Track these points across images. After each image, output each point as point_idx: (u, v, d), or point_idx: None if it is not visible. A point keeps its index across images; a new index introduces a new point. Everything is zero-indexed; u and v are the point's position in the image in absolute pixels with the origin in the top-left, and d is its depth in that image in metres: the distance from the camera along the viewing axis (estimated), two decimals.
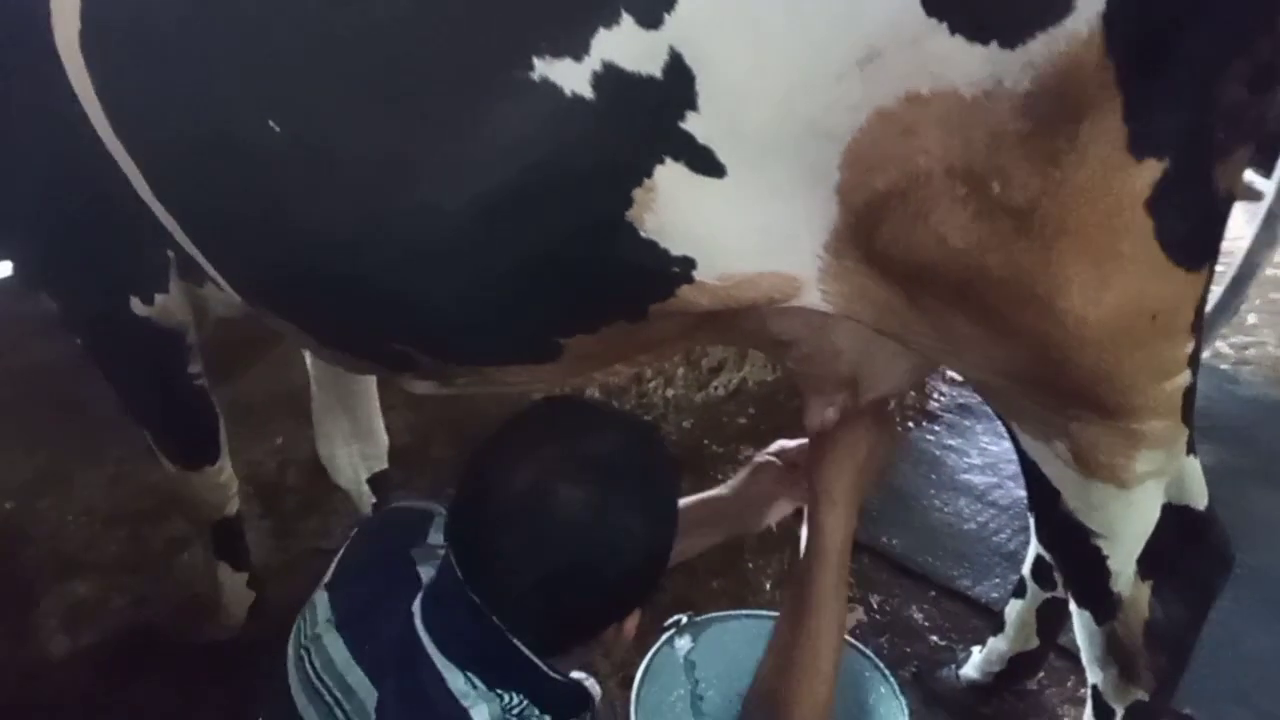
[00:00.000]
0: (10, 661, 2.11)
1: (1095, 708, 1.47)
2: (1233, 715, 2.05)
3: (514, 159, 1.03)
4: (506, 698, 1.04)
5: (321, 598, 1.18)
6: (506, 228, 1.08)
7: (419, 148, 1.06)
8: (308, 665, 1.12)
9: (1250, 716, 2.05)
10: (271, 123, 1.11)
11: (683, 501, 1.52)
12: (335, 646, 1.12)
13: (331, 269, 1.20)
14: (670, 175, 1.02)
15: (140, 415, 1.84)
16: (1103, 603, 1.34)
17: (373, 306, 1.24)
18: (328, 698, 1.10)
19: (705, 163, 1.01)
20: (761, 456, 1.53)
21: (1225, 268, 2.52)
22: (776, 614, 1.79)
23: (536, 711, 1.05)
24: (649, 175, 1.02)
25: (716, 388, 3.16)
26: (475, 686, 1.03)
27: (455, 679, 1.03)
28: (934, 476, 2.83)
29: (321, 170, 1.12)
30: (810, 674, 1.27)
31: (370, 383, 2.11)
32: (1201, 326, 1.10)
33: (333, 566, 1.23)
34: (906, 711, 1.62)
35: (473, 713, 1.02)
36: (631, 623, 1.12)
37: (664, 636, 1.72)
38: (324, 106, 1.09)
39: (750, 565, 2.44)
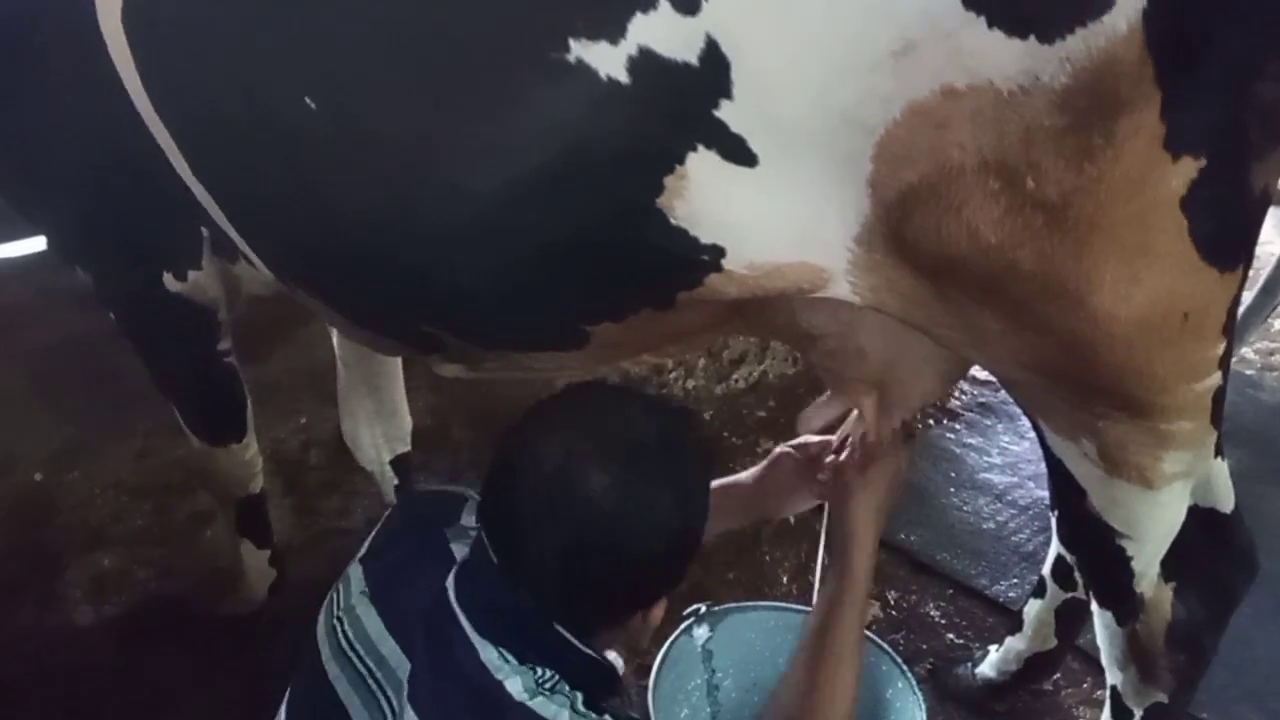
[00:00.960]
0: (36, 630, 2.15)
1: (1114, 709, 1.46)
2: (1247, 717, 2.04)
3: (546, 141, 1.04)
4: (538, 671, 1.05)
5: (356, 570, 1.20)
6: (537, 211, 1.08)
7: (452, 128, 1.07)
8: (340, 636, 1.14)
9: (1264, 718, 2.04)
10: (308, 100, 1.12)
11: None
12: (369, 618, 1.14)
13: (364, 249, 1.21)
14: (702, 163, 1.03)
15: (169, 390, 1.86)
16: (1125, 603, 1.33)
17: (403, 287, 1.25)
18: (360, 667, 1.11)
19: (738, 151, 1.02)
20: (782, 448, 1.53)
21: (1256, 272, 2.49)
22: (795, 607, 1.81)
23: (567, 687, 1.06)
24: (681, 162, 1.03)
25: (737, 380, 3.16)
26: (507, 660, 1.04)
27: (488, 652, 1.05)
28: (954, 474, 2.82)
29: (356, 149, 1.13)
30: (830, 713, 1.26)
31: (396, 364, 2.12)
32: (1234, 328, 1.09)
33: (368, 541, 1.25)
34: (923, 706, 1.62)
35: (506, 685, 1.03)
36: (658, 610, 1.12)
37: (682, 625, 1.72)
38: (360, 86, 1.10)
39: (767, 557, 2.44)
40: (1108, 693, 1.46)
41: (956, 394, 3.19)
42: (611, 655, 1.24)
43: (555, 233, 1.11)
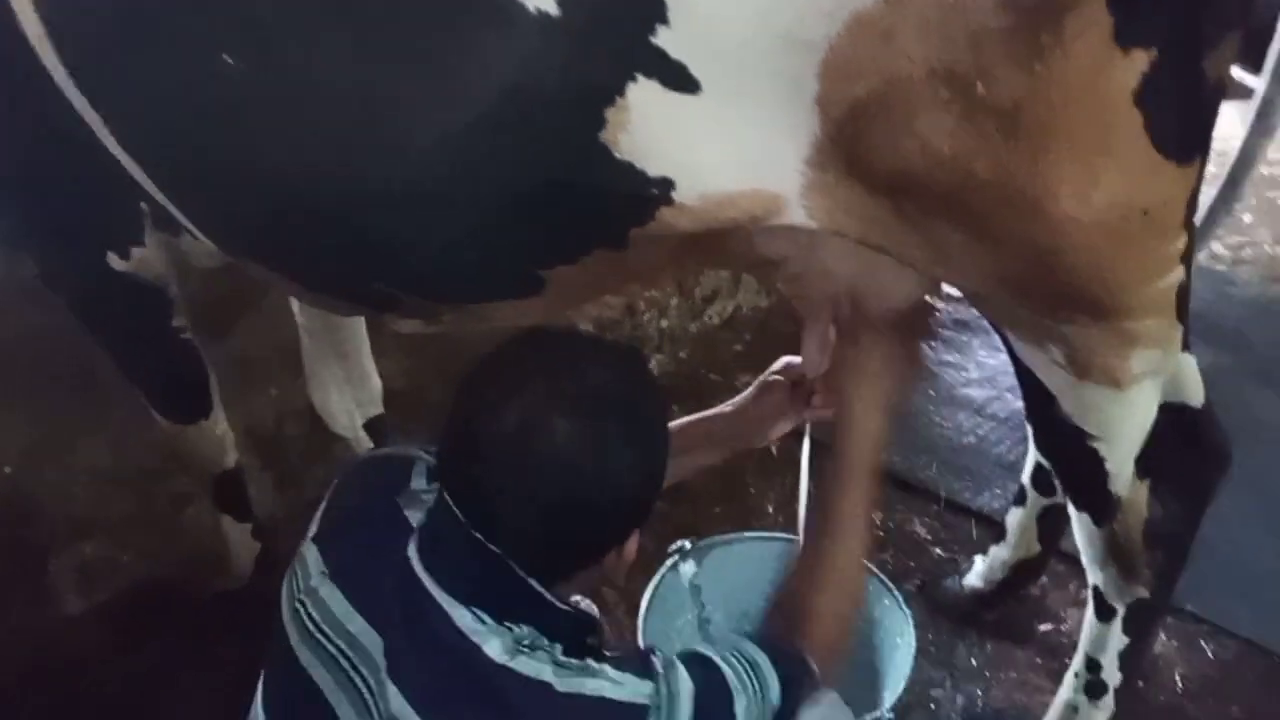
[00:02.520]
0: (26, 623, 2.14)
1: (1097, 608, 1.49)
2: (1232, 609, 2.08)
3: (478, 82, 1.00)
4: (516, 630, 1.04)
5: (311, 551, 1.17)
6: (476, 156, 1.05)
7: (380, 77, 1.03)
8: (305, 619, 1.11)
9: (1249, 609, 2.08)
10: (226, 57, 1.07)
11: (686, 419, 1.52)
12: (333, 598, 1.11)
13: (303, 210, 1.18)
14: (643, 93, 0.99)
15: (130, 372, 1.82)
16: (1102, 504, 1.34)
17: (346, 247, 1.22)
18: (331, 649, 1.09)
19: (679, 79, 0.99)
20: (768, 375, 1.52)
21: (1220, 169, 2.48)
22: (780, 535, 1.82)
23: (546, 642, 1.05)
24: (621, 94, 0.99)
25: (711, 316, 3.14)
26: (484, 622, 1.03)
27: (462, 616, 1.04)
28: (932, 392, 2.83)
29: (279, 107, 1.09)
30: (835, 589, 1.27)
31: (360, 327, 2.09)
32: (1194, 221, 1.08)
33: (317, 519, 1.21)
34: (911, 623, 1.64)
35: (485, 648, 1.02)
36: (632, 545, 1.12)
37: (668, 563, 1.73)
38: (278, 39, 1.05)
39: (752, 490, 2.45)
40: (1090, 593, 1.48)
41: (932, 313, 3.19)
42: (586, 603, 1.23)
43: (497, 177, 1.08)
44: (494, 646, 1.02)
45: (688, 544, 1.74)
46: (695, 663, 1.09)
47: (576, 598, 1.16)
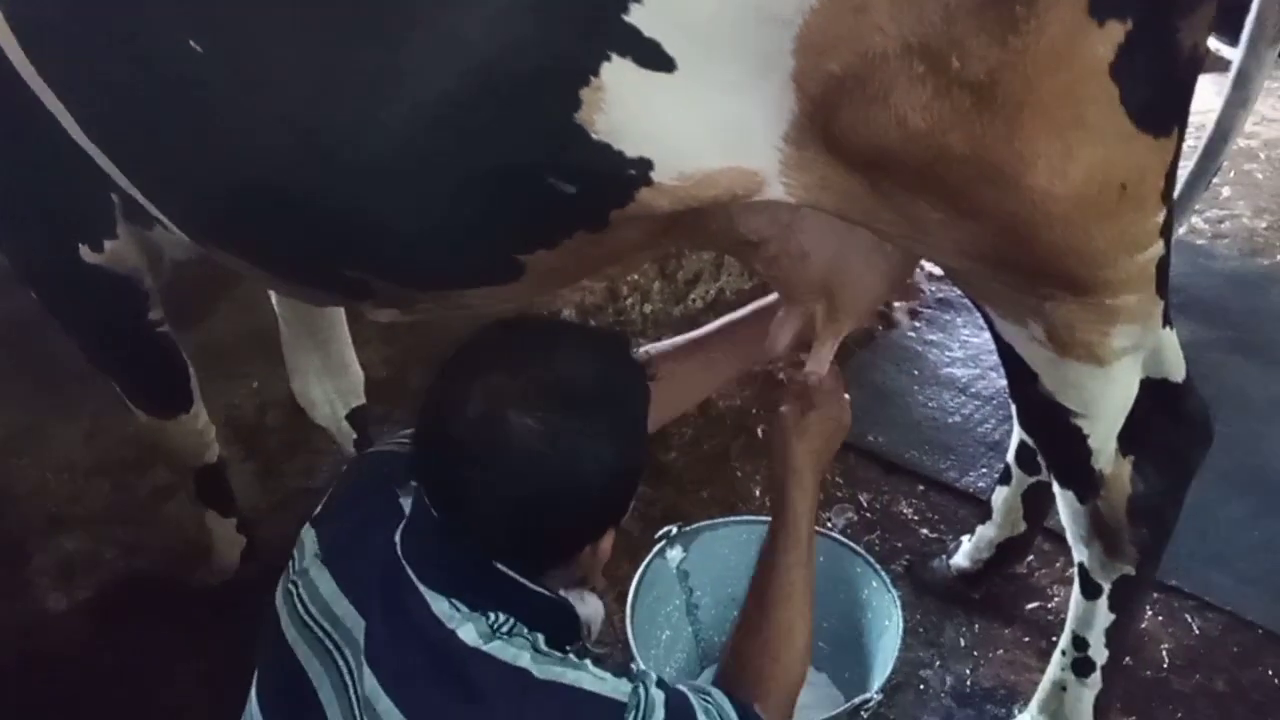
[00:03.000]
0: (8, 620, 2.12)
1: (1083, 585, 1.49)
2: (1214, 581, 2.09)
3: (451, 64, 0.99)
4: (492, 616, 1.04)
5: (309, 534, 1.19)
6: (449, 138, 1.04)
7: (346, 56, 1.01)
8: (296, 600, 1.13)
9: (1231, 580, 2.09)
10: (193, 44, 1.05)
11: (677, 340, 1.51)
12: (322, 579, 1.12)
13: (271, 196, 1.16)
14: (618, 72, 0.98)
15: (105, 367, 1.81)
16: (1085, 481, 1.34)
17: (318, 233, 1.20)
18: (317, 630, 1.10)
19: (653, 57, 0.97)
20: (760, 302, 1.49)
21: (1198, 142, 2.49)
22: (765, 519, 1.82)
23: (525, 629, 1.05)
24: (595, 74, 0.98)
25: (694, 300, 3.14)
26: (459, 609, 1.03)
27: (439, 604, 1.04)
28: (917, 372, 2.83)
29: (249, 91, 1.07)
30: (784, 653, 1.26)
31: (339, 316, 2.07)
32: (1172, 195, 1.08)
33: (322, 503, 1.24)
34: (898, 603, 1.65)
35: (459, 633, 1.02)
36: (607, 542, 1.11)
37: (655, 549, 1.73)
38: (245, 22, 1.04)
39: (739, 473, 2.45)
40: (1076, 570, 1.48)
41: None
42: (590, 597, 1.23)
43: (472, 160, 1.06)
44: (468, 632, 1.02)
45: (675, 529, 1.74)
46: (661, 680, 1.08)
47: (576, 593, 1.15)
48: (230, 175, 1.17)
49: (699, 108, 1.01)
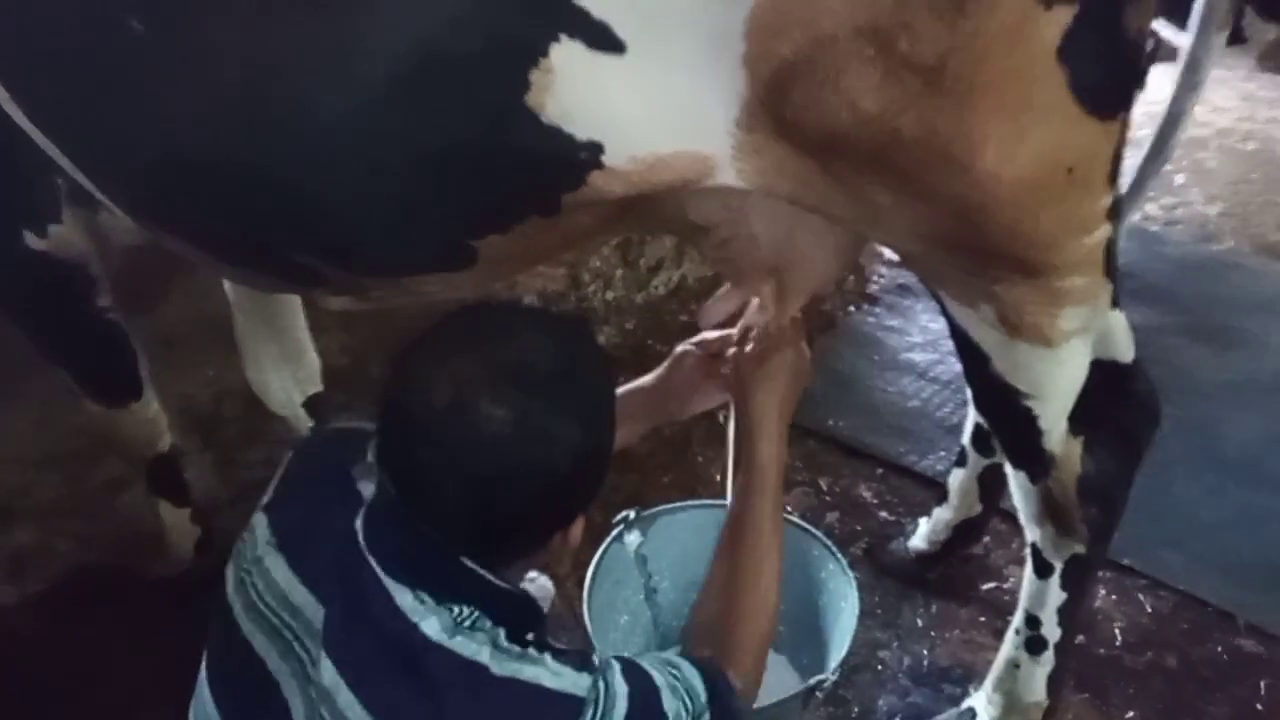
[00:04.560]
0: None
1: (1035, 565, 1.51)
2: (1167, 560, 2.13)
3: (397, 45, 0.97)
4: (456, 610, 1.02)
5: (260, 520, 1.15)
6: (395, 121, 1.02)
7: (292, 36, 1.00)
8: (250, 588, 1.10)
9: (1184, 560, 2.13)
10: (135, 23, 1.03)
11: None
12: (278, 568, 1.09)
13: (216, 179, 1.14)
14: (567, 54, 0.98)
15: (54, 355, 1.77)
16: (1036, 462, 1.36)
17: (264, 217, 1.18)
18: (274, 619, 1.08)
19: (603, 39, 0.97)
20: (682, 346, 1.52)
21: (1151, 130, 2.52)
22: (725, 502, 1.82)
23: (489, 623, 1.03)
24: (545, 55, 0.98)
25: (656, 287, 3.13)
26: (423, 602, 1.02)
27: (403, 596, 1.02)
28: (876, 357, 2.86)
29: (191, 71, 1.05)
30: (754, 609, 1.28)
31: (296, 304, 2.04)
32: (1119, 178, 1.09)
33: (270, 489, 1.20)
34: (855, 586, 1.66)
35: (422, 626, 1.00)
36: (576, 529, 1.10)
37: (613, 534, 1.72)
38: (187, 1, 1.01)
39: (700, 458, 2.46)
40: (1028, 550, 1.50)
41: (874, 277, 3.21)
42: (543, 579, 1.22)
43: (421, 143, 1.05)
44: (431, 625, 1.00)
45: (632, 513, 1.74)
46: (624, 665, 1.08)
47: (533, 574, 1.14)
48: (174, 158, 1.15)
49: (650, 91, 1.01)
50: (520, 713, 1.00)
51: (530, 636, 1.07)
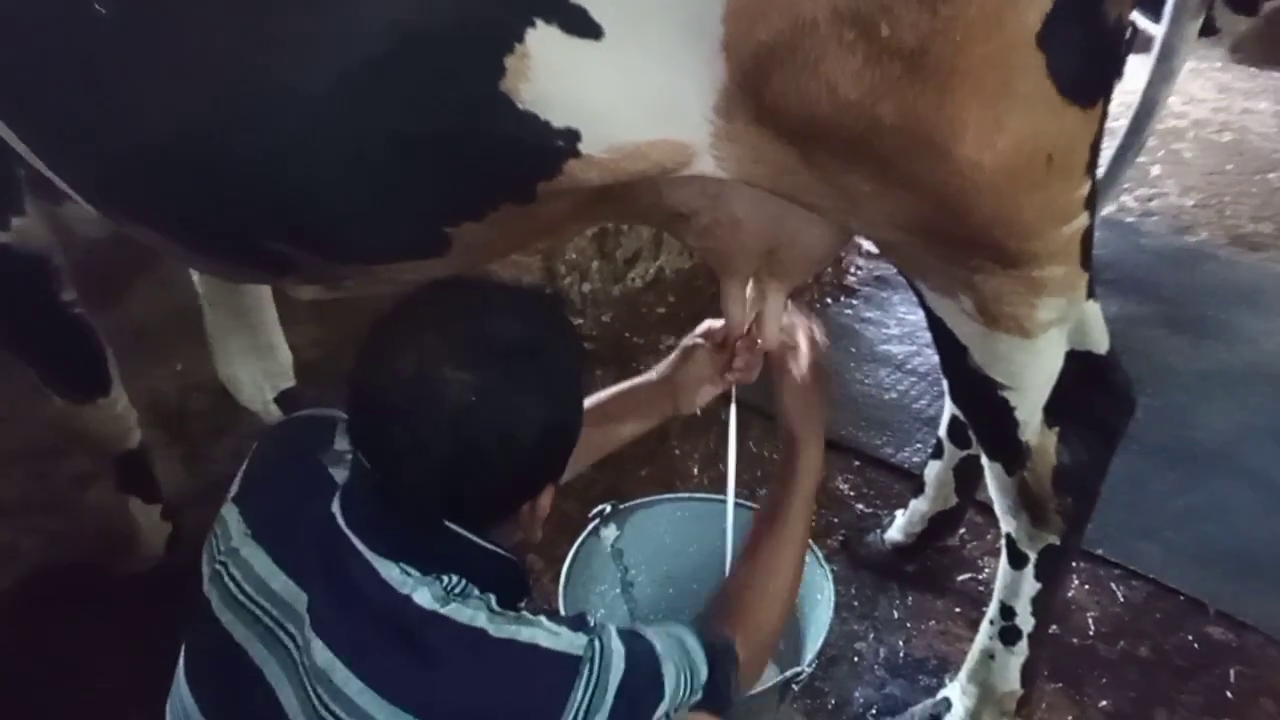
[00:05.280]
0: None
1: (1010, 555, 1.51)
2: (1142, 550, 2.15)
3: (369, 27, 0.95)
4: (445, 579, 1.03)
5: (231, 511, 1.15)
6: (370, 106, 1.00)
7: (262, 19, 0.97)
8: (226, 580, 1.10)
9: (1159, 550, 2.15)
10: (98, 5, 1.00)
11: (611, 390, 1.52)
12: (256, 557, 1.09)
13: (186, 165, 1.11)
14: (543, 39, 0.96)
15: (18, 350, 1.73)
16: (1012, 453, 1.36)
17: (236, 203, 1.16)
18: (253, 609, 1.07)
19: (580, 24, 0.95)
20: (690, 340, 1.51)
21: (1124, 122, 2.53)
22: (700, 496, 1.82)
23: (477, 590, 1.04)
24: (520, 40, 0.96)
25: (634, 279, 3.12)
26: (410, 574, 1.02)
27: (389, 570, 1.02)
28: (854, 349, 2.86)
29: (158, 54, 1.03)
30: (775, 595, 1.31)
31: (265, 295, 2.01)
32: (1096, 168, 1.09)
33: (238, 480, 1.20)
34: (830, 579, 1.65)
35: (414, 598, 1.01)
36: (546, 499, 1.10)
37: (589, 528, 1.71)
38: None
39: (677, 451, 2.45)
40: (1004, 540, 1.50)
41: (852, 269, 3.21)
42: None
43: (395, 128, 1.03)
44: (423, 596, 1.01)
45: (608, 507, 1.72)
46: (624, 631, 1.09)
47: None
48: (142, 144, 1.12)
49: (628, 77, 0.99)
50: (519, 673, 1.01)
51: (523, 605, 1.08)
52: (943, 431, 1.89)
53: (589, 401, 1.42)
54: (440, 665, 0.99)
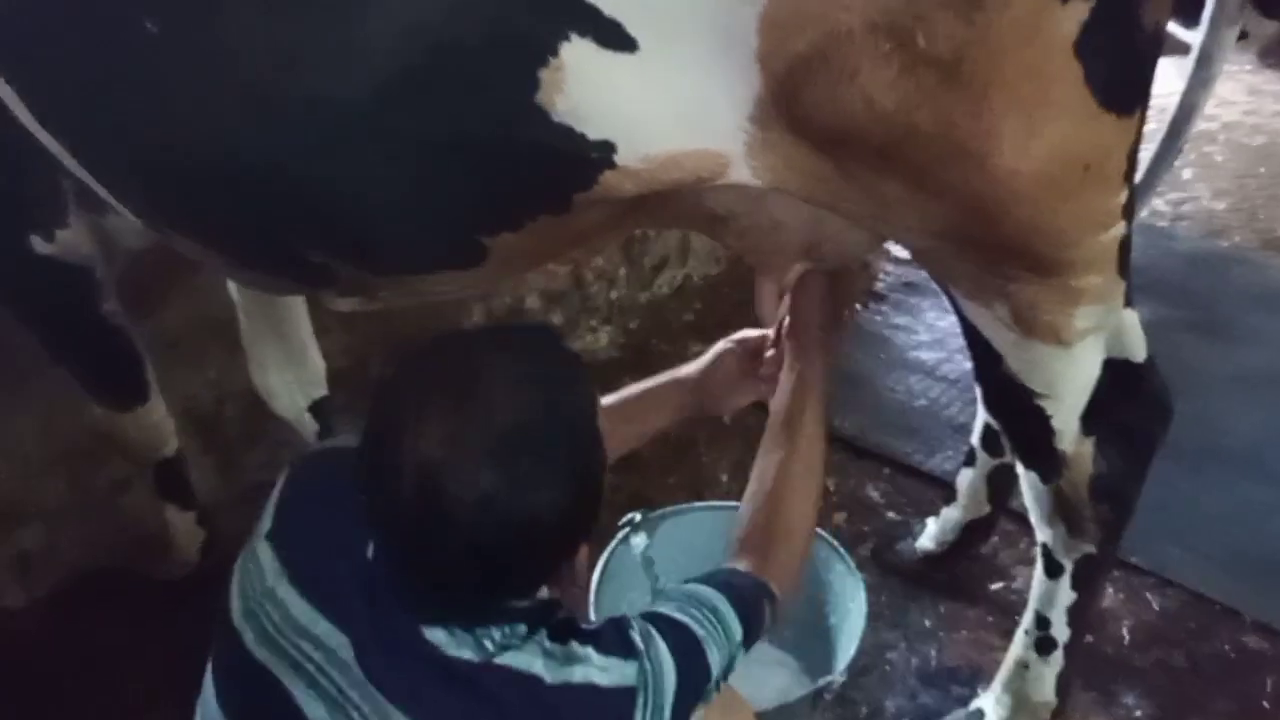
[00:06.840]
0: None
1: (1046, 565, 1.50)
2: (1176, 559, 2.12)
3: (407, 41, 0.96)
4: (493, 633, 1.02)
5: (265, 550, 1.11)
6: (407, 118, 1.02)
7: (305, 35, 0.99)
8: (263, 619, 1.07)
9: (1192, 558, 2.13)
10: (148, 24, 1.03)
11: (645, 384, 1.53)
12: (294, 601, 1.06)
13: (231, 178, 1.13)
14: (578, 53, 0.97)
15: (61, 359, 1.76)
16: (1048, 462, 1.35)
17: (280, 216, 1.18)
18: (294, 653, 1.05)
19: (615, 37, 0.96)
20: (723, 344, 1.51)
21: (1159, 125, 2.51)
22: (732, 504, 1.81)
23: (524, 629, 1.03)
24: (554, 54, 0.96)
25: (660, 286, 3.12)
26: (454, 635, 1.01)
27: (435, 633, 1.01)
28: (883, 356, 2.85)
29: (206, 71, 1.04)
30: (794, 520, 1.34)
31: (300, 306, 2.03)
32: (1134, 175, 1.08)
33: (269, 513, 1.16)
34: (863, 587, 1.65)
35: (461, 657, 1.00)
36: (582, 554, 1.09)
37: (618, 536, 1.72)
38: (200, 1, 1.01)
39: (704, 458, 2.45)
40: (1039, 550, 1.49)
41: (882, 276, 3.20)
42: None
43: (434, 141, 1.04)
44: (474, 651, 1.00)
45: (638, 516, 1.73)
46: (665, 627, 1.08)
47: None
48: (188, 157, 1.14)
49: (662, 89, 1.00)
50: (579, 716, 1.02)
51: (561, 620, 1.07)
52: (975, 439, 1.88)
53: (610, 400, 1.42)
54: (502, 710, 0.99)
